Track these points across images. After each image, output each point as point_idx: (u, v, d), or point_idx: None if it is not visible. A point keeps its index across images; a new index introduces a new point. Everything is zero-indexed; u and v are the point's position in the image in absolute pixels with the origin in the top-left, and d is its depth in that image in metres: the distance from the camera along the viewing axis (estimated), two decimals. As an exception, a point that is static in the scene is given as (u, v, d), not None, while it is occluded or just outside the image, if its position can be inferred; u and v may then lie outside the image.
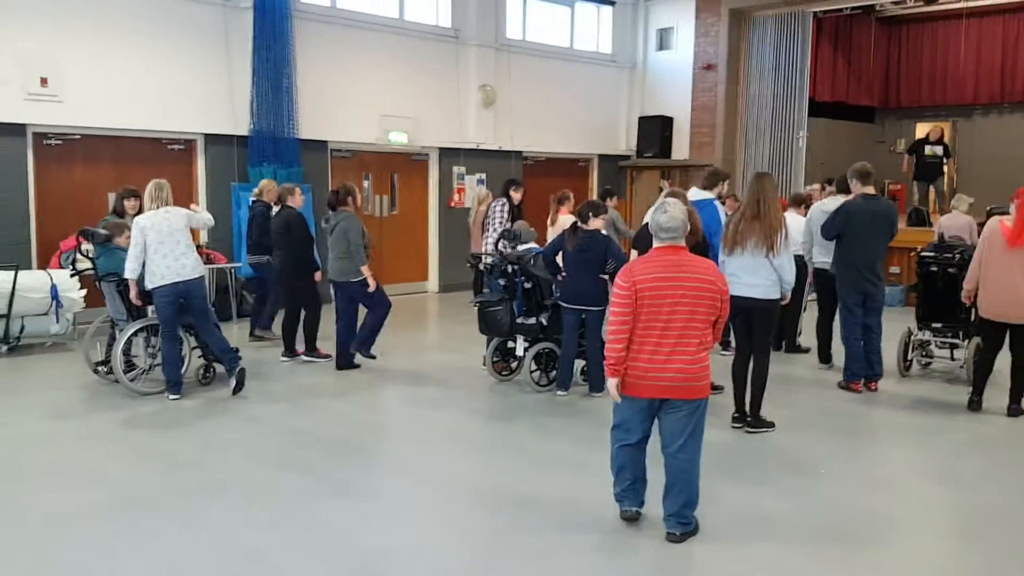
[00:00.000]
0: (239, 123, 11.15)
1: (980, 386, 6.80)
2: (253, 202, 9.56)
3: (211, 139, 11.11)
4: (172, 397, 6.96)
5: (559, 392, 7.19)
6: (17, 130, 9.60)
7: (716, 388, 7.18)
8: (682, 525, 4.34)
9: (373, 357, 8.04)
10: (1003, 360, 6.70)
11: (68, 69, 9.82)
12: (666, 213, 4.24)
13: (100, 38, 10.05)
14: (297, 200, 8.55)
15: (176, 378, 7.01)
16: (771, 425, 6.26)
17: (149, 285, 6.85)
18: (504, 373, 7.76)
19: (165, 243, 6.79)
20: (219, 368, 7.56)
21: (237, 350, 7.65)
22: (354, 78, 12.21)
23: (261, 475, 5.36)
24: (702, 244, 6.32)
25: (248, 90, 11.09)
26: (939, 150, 13.66)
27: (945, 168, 14.41)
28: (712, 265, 4.36)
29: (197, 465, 5.52)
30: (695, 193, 7.50)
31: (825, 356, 8.30)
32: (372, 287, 7.87)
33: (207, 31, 10.91)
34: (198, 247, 10.38)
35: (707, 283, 4.19)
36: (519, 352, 7.54)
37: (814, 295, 11.45)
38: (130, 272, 6.89)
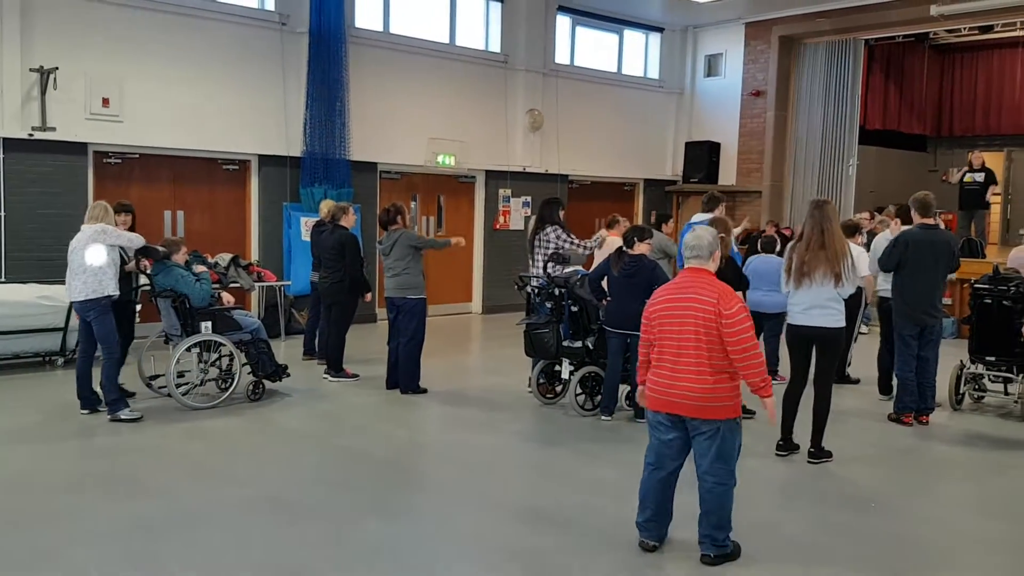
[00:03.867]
0: (292, 144, 11.38)
1: (1036, 422, 6.64)
2: (318, 223, 9.55)
3: (265, 160, 11.35)
4: (82, 412, 6.93)
5: (603, 417, 7.18)
6: (78, 148, 9.93)
7: (748, 413, 7.16)
8: (716, 547, 4.35)
9: (424, 391, 8.04)
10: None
11: (128, 89, 10.14)
12: (691, 232, 4.39)
13: (160, 60, 10.37)
14: (350, 220, 8.69)
15: (86, 393, 6.94)
16: (830, 456, 6.18)
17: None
18: (549, 396, 7.76)
19: (72, 261, 6.82)
20: (270, 384, 7.70)
21: (286, 367, 7.79)
22: (404, 101, 12.41)
23: (310, 493, 5.43)
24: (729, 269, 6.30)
25: (302, 112, 11.33)
26: (979, 177, 13.32)
27: (988, 197, 13.97)
28: (723, 287, 4.31)
29: (247, 481, 5.61)
30: (698, 216, 7.53)
31: (885, 387, 8.14)
32: (462, 240, 8.44)
33: (264, 55, 11.18)
34: (249, 264, 10.73)
35: (708, 303, 4.20)
36: (564, 375, 7.54)
37: (865, 328, 11.34)
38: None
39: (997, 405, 7.88)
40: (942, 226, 7.85)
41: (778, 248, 8.70)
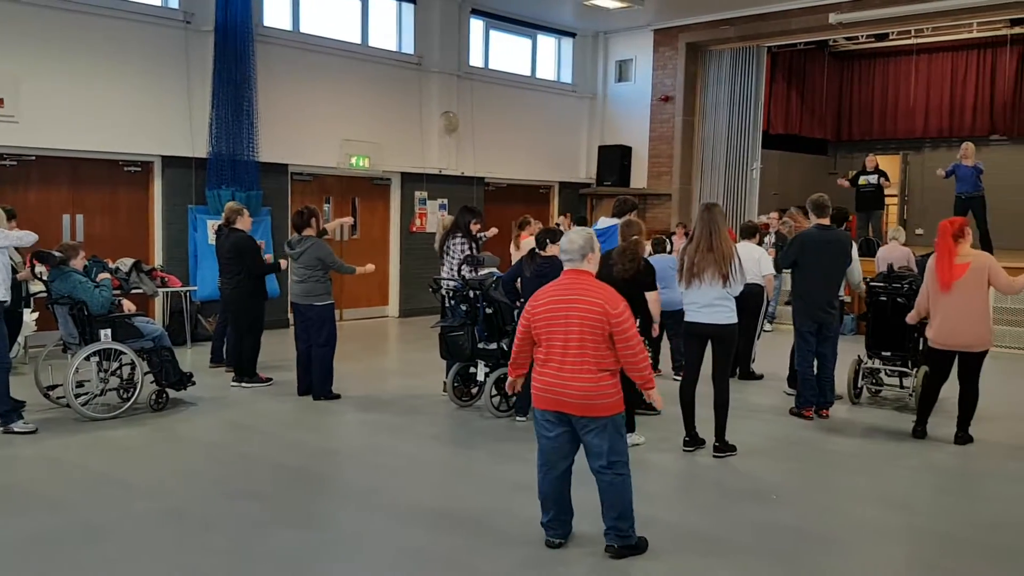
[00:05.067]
0: (198, 145, 11.09)
1: (924, 415, 6.96)
2: (220, 227, 9.33)
3: (169, 161, 11.03)
4: None
5: (518, 418, 7.22)
6: (-31, 150, 9.47)
7: (654, 410, 7.33)
8: (620, 538, 4.45)
9: (337, 396, 7.93)
10: (949, 389, 6.88)
11: (25, 89, 9.71)
12: (567, 237, 4.52)
13: (59, 59, 9.97)
14: (246, 222, 8.51)
15: None
16: (734, 449, 6.36)
17: None
18: (464, 399, 7.77)
19: None
20: (174, 393, 7.49)
21: (191, 375, 7.59)
22: (316, 102, 12.24)
23: (215, 504, 5.29)
24: (644, 271, 6.44)
25: (207, 112, 11.05)
26: (873, 179, 13.92)
27: (883, 198, 14.59)
28: (607, 290, 4.42)
29: (150, 493, 5.44)
30: (603, 221, 7.68)
31: (795, 381, 8.41)
32: (371, 268, 8.39)
33: (167, 53, 10.87)
34: (153, 269, 10.40)
35: (593, 305, 4.31)
36: (480, 377, 7.56)
37: (770, 326, 11.74)
38: None
39: (894, 398, 8.24)
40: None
41: (670, 249, 8.97)
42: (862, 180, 13.98)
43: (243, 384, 8.28)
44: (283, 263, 8.47)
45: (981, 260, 6.58)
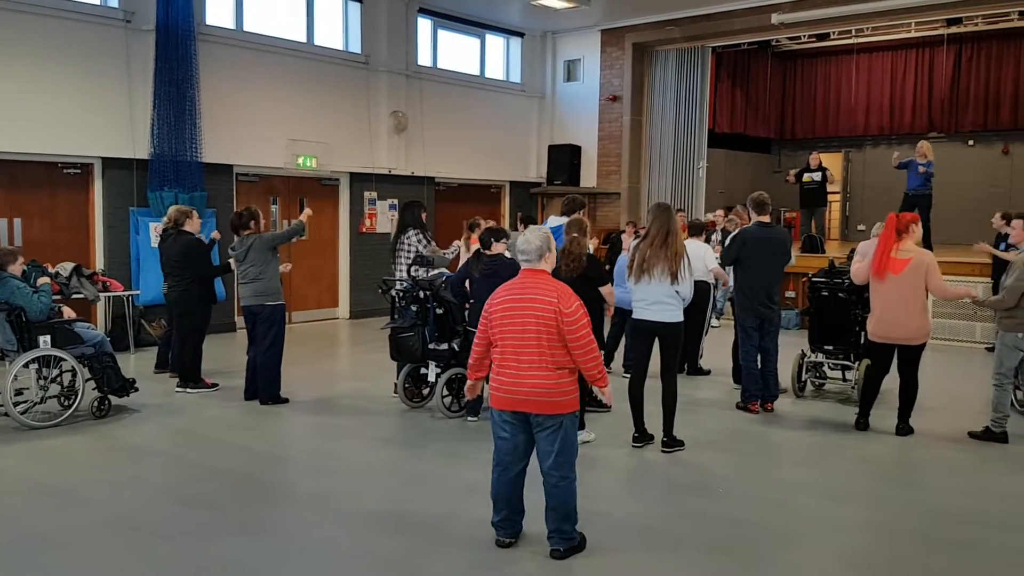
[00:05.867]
0: (139, 146, 10.87)
1: (866, 407, 7.12)
2: (165, 230, 9.14)
3: (109, 163, 10.79)
4: None
5: (470, 418, 7.22)
6: (-102, 152, 9.14)
7: (604, 408, 7.41)
8: (565, 541, 4.50)
9: (285, 400, 7.83)
10: (891, 381, 7.06)
11: (-45, 89, 9.42)
12: (523, 237, 4.54)
13: (-9, 57, 9.69)
14: (195, 224, 8.36)
15: None
16: (682, 444, 6.45)
17: None
18: (416, 400, 7.74)
19: None
20: (117, 400, 7.33)
21: (134, 381, 7.45)
22: (261, 102, 12.08)
23: (161, 511, 5.20)
24: (590, 267, 6.48)
25: (149, 113, 10.83)
26: (817, 177, 14.20)
27: (827, 195, 14.88)
28: (561, 287, 4.48)
29: (93, 501, 5.32)
30: (553, 220, 7.74)
31: (739, 376, 8.55)
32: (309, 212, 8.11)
33: (107, 53, 10.62)
34: (94, 274, 10.17)
35: (548, 303, 4.36)
36: (431, 378, 7.54)
37: (717, 322, 11.91)
38: None
39: (837, 391, 8.42)
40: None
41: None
42: (806, 178, 14.25)
43: (188, 390, 8.14)
44: (232, 263, 8.32)
45: (922, 258, 6.75)
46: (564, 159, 15.92)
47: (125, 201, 10.89)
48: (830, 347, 8.12)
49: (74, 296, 9.54)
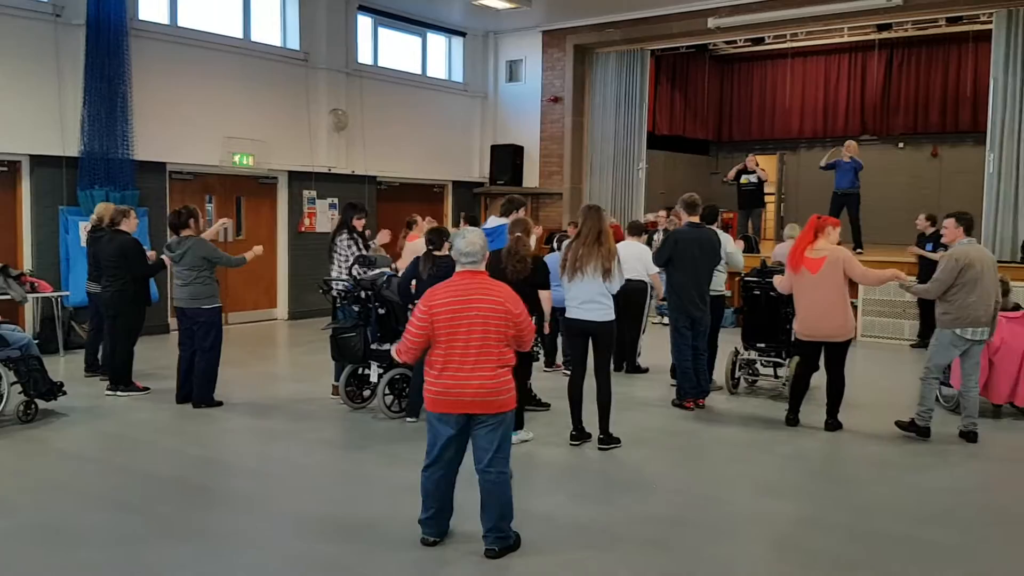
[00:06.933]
0: (69, 144, 10.58)
1: (796, 403, 7.30)
2: (94, 228, 8.91)
3: (38, 160, 10.48)
4: None
5: (409, 419, 7.19)
6: None
7: (542, 405, 7.46)
8: (500, 540, 4.52)
9: (219, 403, 7.69)
10: (822, 378, 7.23)
11: None
12: (464, 239, 4.52)
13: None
14: (132, 224, 8.17)
15: None
16: (618, 441, 6.51)
17: None
18: (357, 401, 7.68)
19: None
20: (44, 404, 7.13)
21: (62, 384, 7.25)
22: (196, 98, 11.85)
23: (88, 517, 5.08)
24: (535, 270, 6.52)
25: (79, 109, 10.55)
26: (753, 178, 14.51)
27: (764, 196, 15.20)
28: (506, 289, 4.54)
29: (17, 508, 5.17)
30: (492, 220, 7.78)
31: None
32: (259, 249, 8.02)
33: (35, 48, 10.33)
34: (21, 274, 9.86)
35: (496, 304, 4.41)
36: (373, 378, 7.48)
37: (658, 318, 12.07)
38: None
39: (769, 388, 8.60)
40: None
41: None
42: (743, 179, 14.53)
43: (118, 393, 7.95)
44: (166, 259, 8.13)
45: (836, 254, 6.93)
46: (507, 159, 15.96)
47: (54, 200, 10.60)
48: (762, 345, 8.30)
49: (0, 297, 9.23)
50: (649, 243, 10.37)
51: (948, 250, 6.91)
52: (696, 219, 7.72)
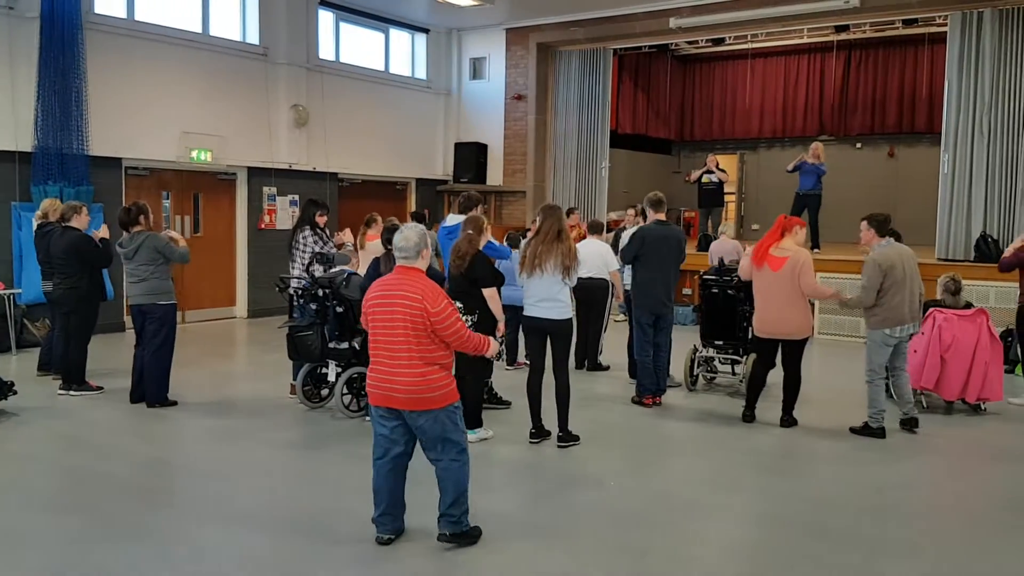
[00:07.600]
0: (22, 139, 10.36)
1: (753, 400, 7.38)
2: (40, 225, 8.75)
3: (-11, 155, 10.26)
4: None
5: (367, 418, 7.13)
6: None
7: (503, 404, 7.48)
8: (452, 525, 4.52)
9: (174, 403, 7.58)
10: (778, 375, 7.32)
11: None
12: (401, 234, 4.52)
13: None
14: (83, 220, 8.02)
15: None
16: (577, 439, 6.54)
17: None
18: (315, 400, 7.62)
19: None
20: (-8, 404, 6.99)
21: (13, 383, 7.11)
22: (153, 93, 11.67)
23: (34, 518, 4.98)
24: (474, 266, 6.51)
25: (32, 104, 10.34)
26: (714, 177, 14.66)
27: (724, 195, 15.36)
28: (428, 286, 4.44)
29: (-41, 512, 5.06)
30: (452, 218, 7.79)
31: (635, 371, 8.71)
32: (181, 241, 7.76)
33: (-14, 39, 10.10)
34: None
35: (414, 301, 4.36)
36: (331, 377, 7.43)
37: (622, 316, 12.13)
38: None
39: (727, 385, 8.70)
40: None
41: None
42: (704, 178, 14.67)
43: (71, 392, 7.81)
44: (105, 231, 7.97)
45: (797, 257, 7.00)
46: (470, 157, 15.94)
47: (6, 195, 10.38)
48: (720, 342, 8.39)
49: (-52, 295, 9.03)
50: (616, 241, 10.41)
51: (869, 255, 6.98)
52: (662, 216, 7.77)
